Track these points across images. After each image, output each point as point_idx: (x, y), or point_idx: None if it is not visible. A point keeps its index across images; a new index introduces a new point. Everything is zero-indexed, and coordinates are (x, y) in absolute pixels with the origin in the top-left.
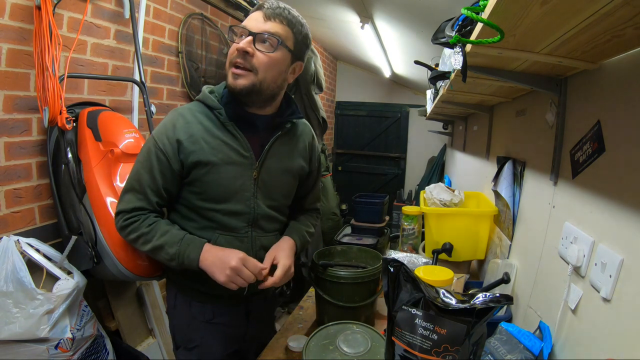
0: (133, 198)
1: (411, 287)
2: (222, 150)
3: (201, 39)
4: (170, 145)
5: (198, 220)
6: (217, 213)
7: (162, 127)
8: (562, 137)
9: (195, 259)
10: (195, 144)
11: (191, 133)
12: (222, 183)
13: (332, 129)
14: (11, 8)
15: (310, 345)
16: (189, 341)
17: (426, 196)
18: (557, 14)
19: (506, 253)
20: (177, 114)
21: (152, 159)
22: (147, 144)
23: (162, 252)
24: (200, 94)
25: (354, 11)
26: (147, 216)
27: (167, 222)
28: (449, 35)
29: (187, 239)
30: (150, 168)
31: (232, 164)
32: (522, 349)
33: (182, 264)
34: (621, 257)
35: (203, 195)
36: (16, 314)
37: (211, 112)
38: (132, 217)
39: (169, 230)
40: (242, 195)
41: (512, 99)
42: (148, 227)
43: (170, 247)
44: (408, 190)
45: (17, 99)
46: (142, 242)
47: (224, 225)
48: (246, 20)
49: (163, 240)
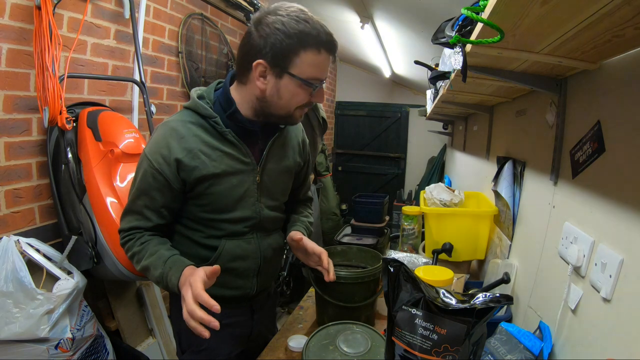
0: (131, 218)
1: (411, 287)
2: (223, 161)
3: (201, 39)
4: (167, 165)
5: (204, 231)
6: (223, 222)
7: (154, 146)
8: (562, 137)
9: (175, 284)
10: (195, 159)
11: (189, 148)
12: (227, 193)
13: (332, 129)
14: (11, 8)
15: (310, 345)
16: (197, 344)
17: (426, 196)
18: (557, 14)
19: (506, 253)
20: (169, 128)
21: (149, 179)
22: (142, 165)
23: (149, 274)
24: (190, 101)
25: (354, 11)
26: (142, 234)
27: (158, 242)
28: (449, 35)
29: (170, 262)
30: (147, 189)
31: (235, 173)
32: (522, 349)
33: (167, 288)
34: (621, 257)
35: (208, 207)
36: (16, 314)
37: (205, 121)
38: (128, 236)
39: (158, 251)
40: (247, 201)
41: (512, 99)
42: (140, 245)
43: (155, 269)
44: (408, 190)
45: (17, 99)
46: (135, 260)
47: (231, 232)
48: (323, 71)
49: (149, 261)
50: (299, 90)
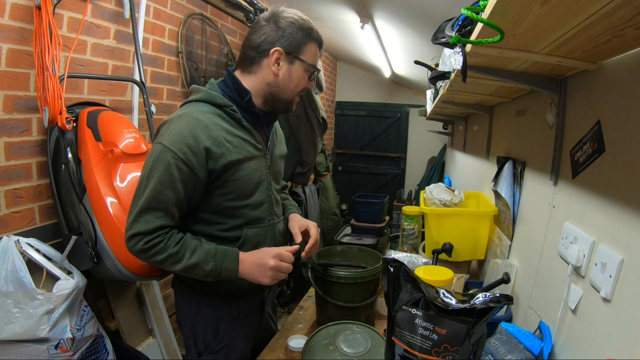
0: (152, 217)
1: (411, 287)
2: (243, 147)
3: (201, 39)
4: (194, 155)
5: (226, 222)
6: (245, 209)
7: (178, 136)
8: (562, 137)
9: (235, 271)
10: (221, 146)
11: (214, 137)
12: (248, 178)
13: (332, 129)
14: (11, 8)
15: (310, 345)
16: (217, 343)
17: (426, 196)
18: (557, 14)
19: (506, 253)
20: (191, 118)
21: (173, 171)
22: (161, 157)
23: (196, 270)
24: (202, 93)
25: (354, 11)
26: (171, 234)
27: (192, 237)
28: (449, 35)
29: (221, 253)
30: (172, 181)
31: (253, 158)
32: (522, 349)
33: (219, 277)
34: (621, 257)
35: (233, 194)
36: (16, 314)
37: (221, 110)
38: (155, 239)
39: (199, 246)
40: (262, 185)
41: (512, 99)
42: (175, 246)
43: (205, 264)
44: (408, 190)
45: (17, 99)
46: (170, 262)
47: (251, 219)
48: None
49: (196, 258)
50: (304, 75)
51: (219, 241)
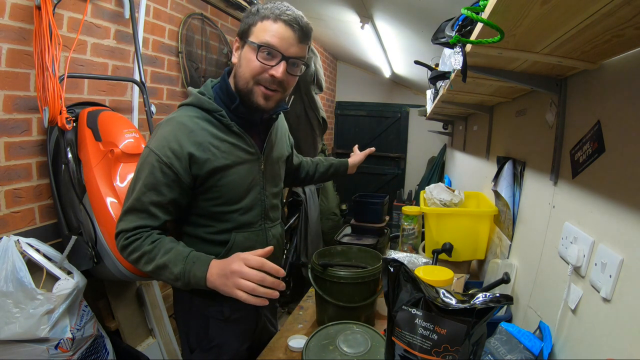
0: (134, 217)
1: (411, 287)
2: (231, 152)
3: (201, 39)
4: (177, 159)
5: (215, 225)
6: (234, 213)
7: (163, 140)
8: (562, 137)
9: (202, 277)
10: (206, 152)
11: (199, 142)
12: (237, 184)
13: (332, 129)
14: (11, 8)
15: (310, 345)
16: (208, 341)
17: (426, 196)
18: (557, 14)
19: (506, 253)
20: (177, 123)
21: (157, 174)
22: (147, 161)
23: (165, 272)
24: (192, 97)
25: (354, 11)
26: (150, 233)
27: (171, 240)
28: (449, 35)
29: (193, 257)
30: (155, 184)
31: (243, 163)
32: (522, 349)
33: (188, 284)
34: (621, 257)
35: (220, 199)
36: (16, 314)
37: (209, 115)
38: (133, 235)
39: (174, 248)
40: (254, 190)
41: (512, 99)
42: (151, 244)
43: (174, 265)
44: (408, 190)
45: (17, 99)
46: (144, 261)
47: (240, 223)
48: (277, 38)
49: (166, 259)
50: (251, 56)
51: (207, 244)
